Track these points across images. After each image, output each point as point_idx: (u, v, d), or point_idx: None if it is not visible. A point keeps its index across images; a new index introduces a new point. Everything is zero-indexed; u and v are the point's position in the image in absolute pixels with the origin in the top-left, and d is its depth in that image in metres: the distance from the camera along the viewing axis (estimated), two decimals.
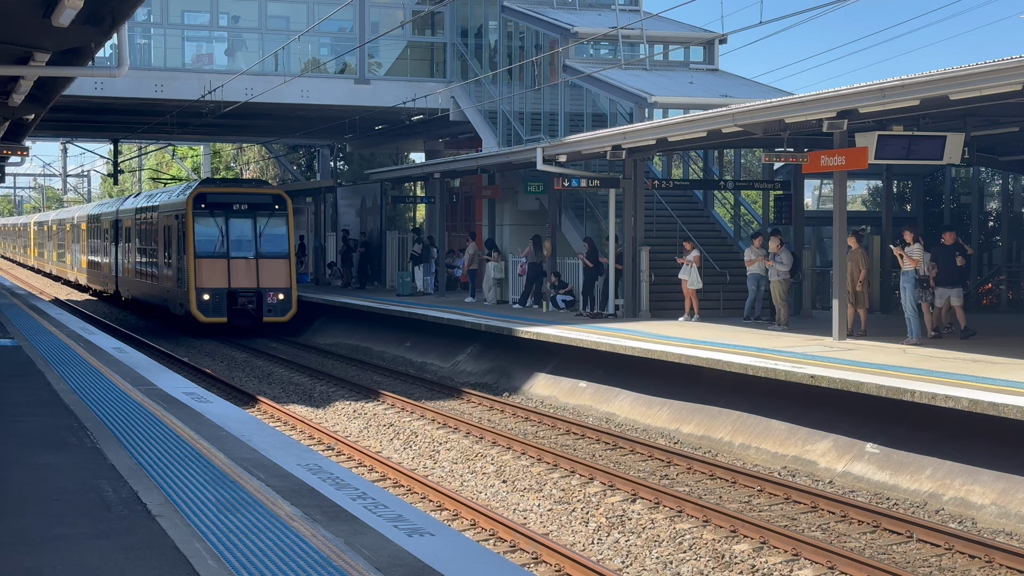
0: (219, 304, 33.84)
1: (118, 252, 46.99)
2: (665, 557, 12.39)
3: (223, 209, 34.35)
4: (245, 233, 34.48)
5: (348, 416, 21.58)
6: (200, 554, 7.29)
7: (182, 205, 34.79)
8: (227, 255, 34.21)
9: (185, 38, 38.75)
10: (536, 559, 12.25)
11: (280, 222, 34.85)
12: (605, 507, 14.42)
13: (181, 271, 34.81)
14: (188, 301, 33.95)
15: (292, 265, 34.94)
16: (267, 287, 34.14)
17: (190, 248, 34.04)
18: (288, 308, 34.53)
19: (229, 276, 33.96)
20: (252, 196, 34.90)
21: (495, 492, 15.56)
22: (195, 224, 34.13)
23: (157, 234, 38.77)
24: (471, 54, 39.29)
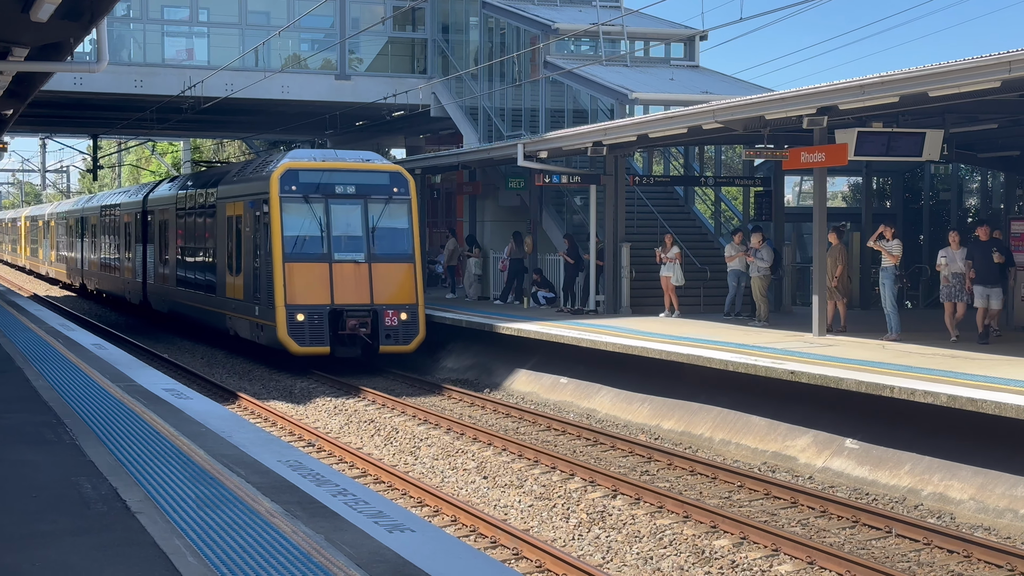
0: (318, 328, 24.72)
1: (145, 253, 38.41)
2: (646, 552, 12.42)
3: (323, 192, 25.55)
4: (353, 226, 25.65)
5: (329, 412, 21.55)
6: (180, 551, 7.27)
7: (260, 188, 26.10)
8: (329, 258, 25.15)
9: (165, 33, 38.58)
10: (517, 555, 12.26)
11: (401, 210, 25.98)
12: (586, 503, 14.44)
13: (260, 280, 25.96)
14: (274, 323, 24.87)
15: (419, 271, 25.84)
16: (385, 303, 25.15)
17: (276, 248, 24.96)
18: (414, 332, 25.27)
19: (332, 288, 24.97)
20: (363, 174, 26.21)
21: (476, 488, 15.56)
22: (283, 214, 25.12)
23: (215, 230, 29.90)
24: (452, 50, 39.26)
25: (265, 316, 25.54)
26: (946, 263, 20.68)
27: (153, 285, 37.22)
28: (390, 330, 25.13)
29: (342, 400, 22.57)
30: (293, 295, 24.77)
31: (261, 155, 40.51)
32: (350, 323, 24.76)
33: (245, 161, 31.14)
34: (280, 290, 24.84)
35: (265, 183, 25.78)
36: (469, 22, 38.77)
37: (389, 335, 25.09)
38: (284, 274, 24.84)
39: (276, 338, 24.92)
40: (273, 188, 25.32)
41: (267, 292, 25.33)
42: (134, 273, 39.99)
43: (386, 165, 26.72)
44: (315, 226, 25.45)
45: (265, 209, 25.58)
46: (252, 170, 28.11)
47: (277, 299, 24.83)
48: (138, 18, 37.57)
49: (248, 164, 29.63)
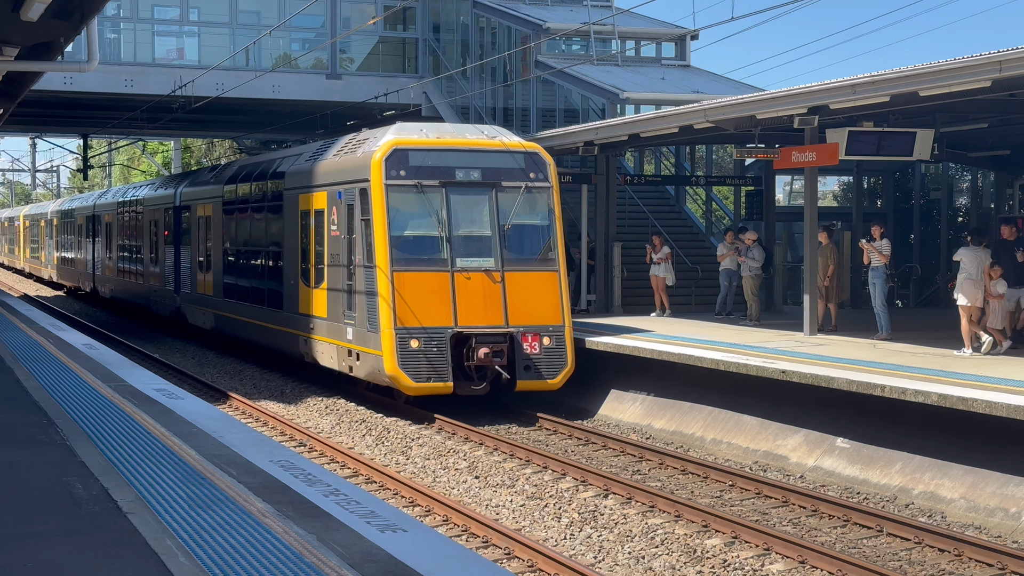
0: (437, 358, 19.45)
1: (178, 257, 33.26)
2: (637, 552, 12.43)
3: (440, 178, 20.08)
4: (480, 223, 20.32)
5: (320, 412, 21.53)
6: (172, 551, 7.26)
7: (355, 174, 20.62)
8: (450, 265, 19.88)
9: (155, 33, 38.53)
10: (509, 554, 12.26)
11: (541, 201, 20.63)
12: (577, 502, 14.44)
13: (354, 295, 20.57)
14: (378, 352, 19.58)
15: (564, 282, 20.59)
16: (524, 324, 19.92)
17: (380, 252, 19.63)
18: (560, 362, 20.10)
19: (455, 305, 19.67)
20: (490, 154, 20.57)
21: (467, 488, 15.56)
22: (390, 206, 19.75)
23: (280, 228, 24.79)
24: (443, 49, 39.25)
25: (362, 341, 20.09)
26: None
27: (189, 295, 31.96)
28: (530, 360, 19.69)
29: (333, 400, 22.54)
30: (405, 314, 19.39)
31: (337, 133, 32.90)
32: (481, 352, 19.30)
33: (321, 142, 24.96)
34: (387, 308, 19.35)
35: (362, 166, 20.29)
36: (460, 21, 38.78)
37: (528, 367, 19.70)
38: (392, 287, 19.37)
39: (381, 371, 19.51)
40: (375, 173, 19.78)
41: (366, 311, 19.93)
42: (162, 280, 34.77)
43: (521, 143, 21.03)
44: (431, 223, 19.93)
45: (361, 201, 20.16)
46: (338, 151, 22.42)
47: (382, 320, 19.38)
48: (128, 17, 37.52)
49: (327, 144, 23.93)
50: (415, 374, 19.39)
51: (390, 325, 19.41)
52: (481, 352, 19.40)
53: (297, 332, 23.68)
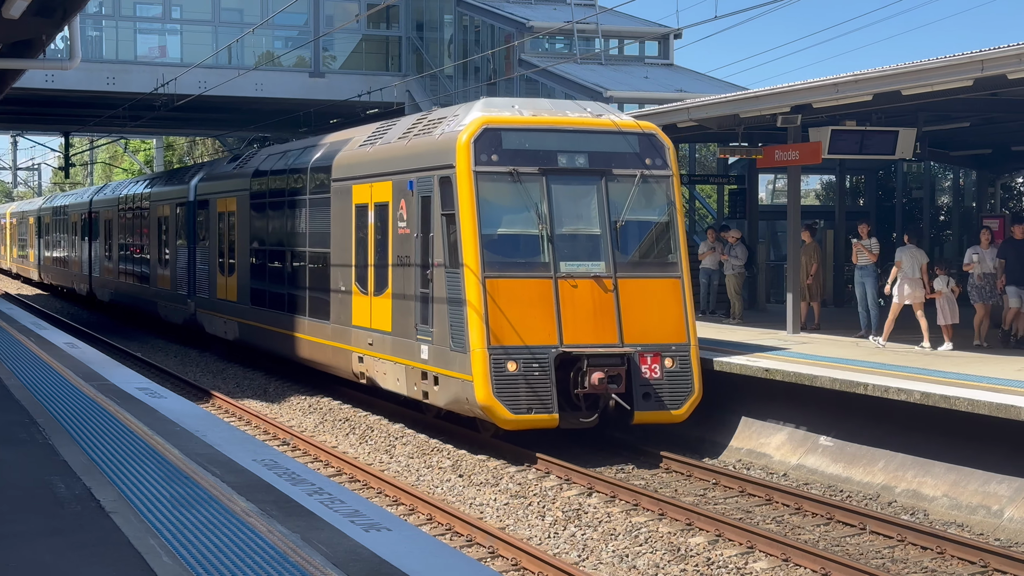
0: (540, 383, 16.13)
1: (193, 258, 29.67)
2: (621, 550, 12.44)
3: (540, 164, 16.88)
4: (587, 219, 17.09)
5: (303, 411, 21.49)
6: (155, 550, 7.23)
7: (434, 159, 17.29)
8: (553, 270, 16.61)
9: (138, 30, 38.42)
10: (493, 553, 12.26)
11: (659, 193, 17.42)
12: (561, 501, 14.45)
13: (432, 305, 17.23)
14: (467, 376, 16.27)
15: (688, 291, 17.35)
16: (641, 343, 16.66)
17: (469, 253, 16.37)
18: (686, 389, 16.85)
19: (559, 319, 16.41)
20: (598, 136, 17.32)
21: (452, 486, 15.55)
22: (480, 198, 16.57)
23: (327, 224, 21.29)
24: (426, 48, 39.22)
25: (443, 362, 16.77)
26: (978, 262, 19.60)
27: (206, 301, 28.51)
28: (649, 386, 16.50)
29: (316, 399, 22.50)
30: (501, 330, 16.10)
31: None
32: (594, 377, 16.04)
33: (377, 124, 21.26)
34: (477, 322, 16.08)
35: (443, 150, 16.95)
36: (443, 20, 38.76)
37: (648, 394, 16.51)
38: (485, 296, 16.12)
39: (470, 400, 16.14)
40: (462, 157, 16.50)
41: (449, 325, 16.62)
42: (174, 283, 31.29)
43: (634, 122, 17.72)
44: (529, 218, 16.66)
45: (442, 191, 16.84)
46: (404, 133, 18.98)
47: (472, 336, 16.07)
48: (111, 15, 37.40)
49: (385, 127, 20.41)
50: (513, 404, 15.95)
51: (482, 343, 16.01)
52: (595, 377, 16.04)
53: (350, 348, 20.06)
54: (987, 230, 20.73)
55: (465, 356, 16.22)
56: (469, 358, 16.12)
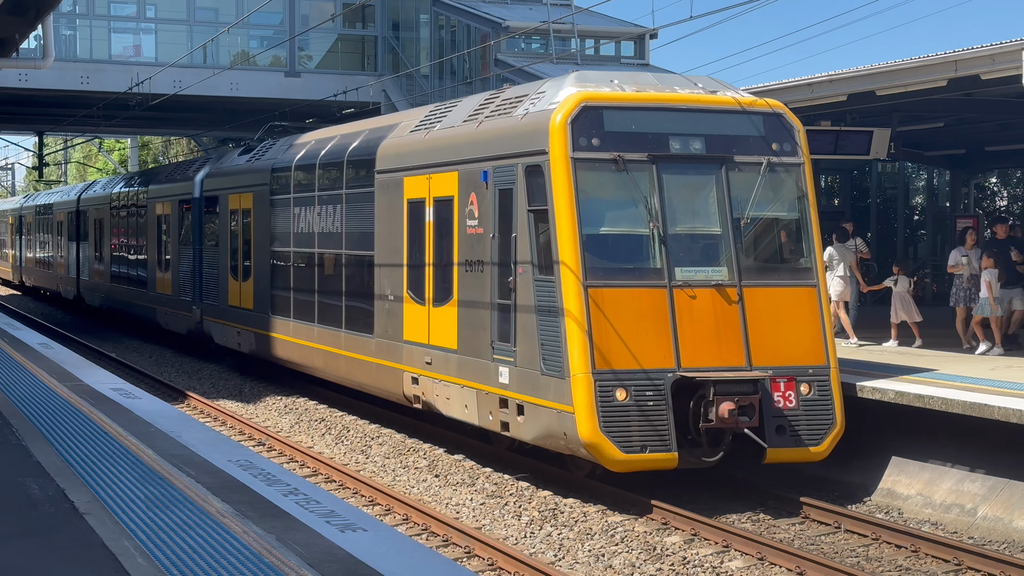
0: (655, 415, 13.58)
1: (199, 261, 27.11)
2: (597, 550, 12.45)
3: (649, 150, 14.29)
4: (703, 215, 14.62)
5: (279, 411, 21.44)
6: (129, 552, 7.20)
7: (520, 143, 14.68)
8: (666, 277, 14.06)
9: (112, 30, 38.26)
10: (469, 553, 12.26)
11: (789, 183, 14.83)
12: (538, 500, 14.45)
13: (514, 319, 14.64)
14: (567, 408, 13.62)
15: (825, 302, 14.76)
16: (772, 365, 14.15)
17: (568, 256, 13.77)
18: (827, 422, 14.24)
19: (676, 337, 13.91)
20: (715, 116, 14.75)
21: (428, 486, 15.54)
22: (580, 190, 13.96)
23: (373, 227, 18.59)
24: (402, 47, 39.20)
25: (531, 388, 14.18)
26: (967, 264, 19.00)
27: (215, 308, 26.00)
28: (783, 418, 13.95)
29: (292, 399, 22.45)
30: (608, 351, 13.50)
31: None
32: (723, 408, 13.41)
33: (431, 106, 18.85)
34: (579, 340, 13.47)
35: (531, 132, 14.38)
36: (419, 19, 38.74)
37: (782, 427, 13.93)
38: (588, 309, 13.55)
39: (569, 436, 13.51)
40: (557, 141, 13.90)
41: (539, 342, 14.03)
42: (176, 288, 28.60)
43: (754, 100, 15.03)
44: (637, 215, 14.13)
45: (530, 183, 14.31)
46: (472, 114, 16.35)
47: (573, 357, 13.46)
48: (84, 14, 37.24)
49: (443, 109, 17.79)
50: (624, 441, 13.30)
51: (585, 366, 13.37)
52: (724, 408, 13.39)
53: (400, 367, 17.47)
54: (972, 231, 20.37)
55: (562, 382, 13.57)
56: (568, 384, 13.46)
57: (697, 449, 13.76)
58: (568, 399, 13.49)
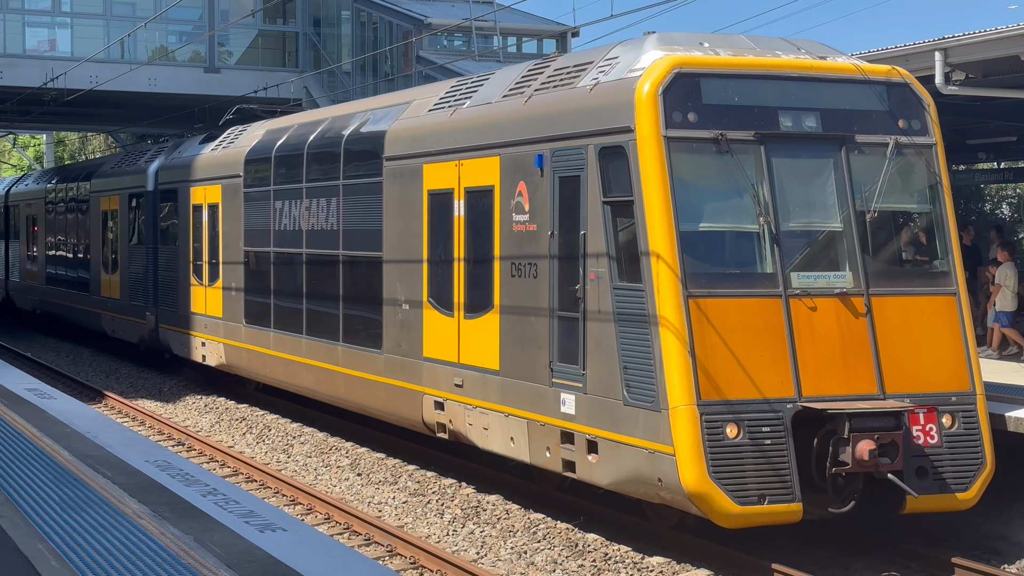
0: (774, 456, 11.09)
1: (156, 264, 24.91)
2: (520, 547, 12.46)
3: (753, 127, 11.89)
4: (820, 208, 12.19)
5: (199, 411, 21.22)
6: (43, 555, 7.08)
7: (600, 118, 12.16)
8: (780, 284, 11.62)
9: (26, 23, 37.63)
10: (391, 552, 12.22)
11: (920, 169, 12.52)
12: (460, 498, 14.44)
13: (593, 332, 12.11)
14: (666, 449, 11.07)
15: (966, 311, 12.31)
16: (909, 392, 11.73)
17: (664, 258, 11.33)
18: (975, 461, 11.76)
19: (794, 358, 11.45)
20: (830, 86, 12.35)
21: (350, 485, 15.47)
22: (675, 176, 11.48)
23: (381, 224, 16.24)
24: (324, 44, 38.99)
25: (610, 421, 11.74)
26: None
27: (172, 315, 23.71)
28: (924, 457, 11.54)
29: (213, 398, 22.22)
30: (716, 376, 11.12)
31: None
32: (862, 448, 11.00)
33: (459, 80, 16.30)
34: (680, 364, 11.08)
35: (609, 106, 12.00)
36: (341, 16, 38.56)
37: (923, 469, 11.50)
38: (690, 324, 11.18)
39: (668, 483, 11.11)
40: (646, 116, 11.52)
41: (623, 366, 11.61)
42: (126, 291, 26.30)
43: (875, 67, 12.65)
44: (744, 208, 11.75)
45: (605, 168, 11.97)
46: (518, 86, 13.99)
47: (672, 385, 11.06)
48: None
49: (476, 82, 15.36)
50: (738, 489, 10.84)
51: (688, 395, 10.95)
52: (863, 449, 10.96)
53: (420, 389, 15.09)
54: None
55: (656, 415, 11.10)
56: (665, 418, 10.99)
57: (821, 497, 11.20)
58: (665, 436, 11.00)
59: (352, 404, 17.38)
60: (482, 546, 12.58)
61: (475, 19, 33.14)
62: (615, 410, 11.69)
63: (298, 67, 38.87)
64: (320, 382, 17.86)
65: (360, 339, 16.72)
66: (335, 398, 17.80)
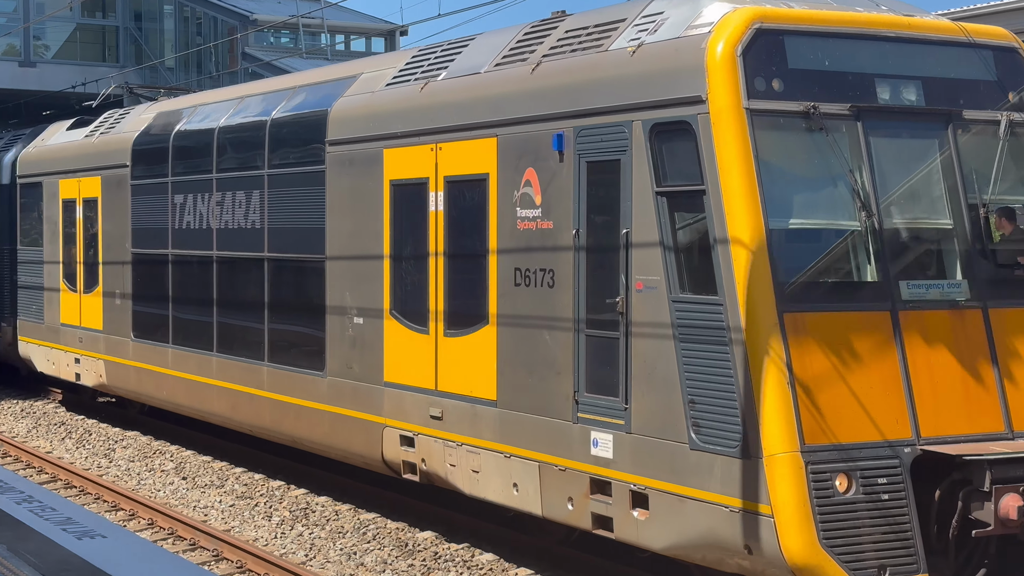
0: (894, 518, 8.64)
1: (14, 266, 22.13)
2: (349, 548, 12.38)
3: (848, 99, 9.50)
4: (927, 200, 9.88)
5: (15, 416, 20.52)
6: None
7: (662, 84, 9.61)
8: (888, 297, 9.23)
9: None
10: (217, 556, 12.02)
11: None
12: (289, 500, 14.27)
13: (640, 352, 9.67)
14: (765, 507, 8.58)
15: None
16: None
17: (748, 264, 8.90)
18: None
19: (909, 391, 9.02)
20: (933, 51, 9.96)
21: (175, 489, 15.15)
22: (761, 161, 9.04)
23: (322, 222, 13.79)
24: (145, 39, 38.12)
25: (671, 471, 9.47)
26: None
27: (37, 327, 20.97)
28: None
29: (30, 402, 21.52)
30: (822, 414, 8.86)
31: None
32: (1007, 504, 8.76)
33: (430, 46, 13.42)
34: (776, 398, 8.78)
35: (674, 71, 9.63)
36: (163, 11, 37.78)
37: None
38: (786, 347, 8.89)
39: (771, 555, 8.72)
40: (722, 82, 9.26)
41: (688, 399, 9.30)
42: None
43: (977, 27, 10.65)
44: (840, 201, 9.57)
45: (658, 150, 9.70)
46: (516, 49, 11.68)
47: (766, 426, 8.76)
48: None
49: (452, 48, 12.81)
50: (854, 559, 8.62)
51: (789, 438, 8.66)
52: (1009, 505, 8.74)
53: (381, 420, 12.68)
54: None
55: (742, 463, 8.79)
56: (756, 467, 8.70)
57: (939, 561, 8.90)
58: (756, 491, 8.68)
59: (282, 436, 14.62)
60: (311, 548, 12.46)
61: (302, 16, 32.84)
62: (676, 455, 9.30)
63: (119, 62, 37.95)
64: (238, 409, 15.21)
65: (293, 358, 14.14)
66: (259, 428, 15.06)
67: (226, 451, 16.79)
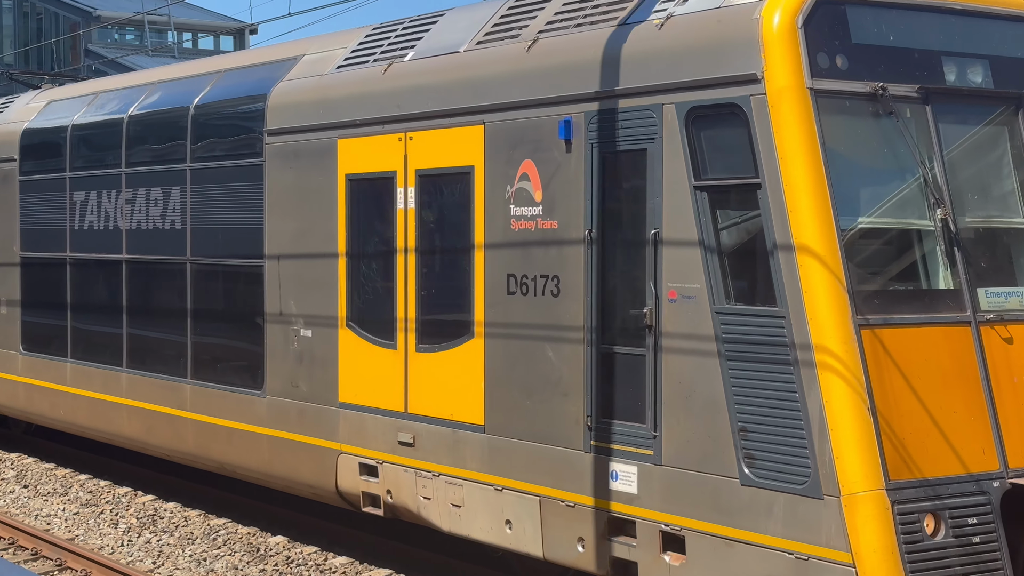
0: (986, 563, 7.53)
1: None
2: (199, 554, 12.17)
3: (915, 79, 8.31)
4: (998, 199, 8.64)
5: None
6: None
7: (702, 62, 8.30)
8: (967, 307, 8.05)
9: None
10: (61, 566, 11.74)
11: None
12: (136, 507, 13.98)
13: (665, 374, 8.42)
14: (841, 550, 7.40)
15: None
16: None
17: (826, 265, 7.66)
18: None
19: (994, 417, 7.87)
20: (1001, 26, 8.78)
21: (16, 498, 14.72)
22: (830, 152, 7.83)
23: (264, 222, 12.26)
24: None
25: (720, 511, 8.14)
26: None
27: None
28: None
29: None
30: (903, 444, 7.63)
31: None
32: None
33: (377, 27, 12.11)
34: (853, 427, 7.52)
35: (720, 45, 8.28)
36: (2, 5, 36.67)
37: None
38: (865, 367, 7.63)
39: None
40: (780, 57, 7.94)
41: (742, 428, 7.99)
42: None
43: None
44: (911, 197, 8.33)
45: (701, 137, 8.41)
46: (505, 22, 10.29)
47: (844, 460, 7.49)
48: None
49: (413, 25, 11.50)
50: None
51: (872, 475, 7.52)
52: None
53: (335, 447, 11.32)
54: None
55: (813, 503, 7.66)
56: (832, 509, 7.54)
57: None
58: (832, 536, 7.51)
59: (210, 462, 13.01)
60: (159, 555, 12.22)
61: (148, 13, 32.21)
62: (722, 491, 8.09)
63: None
64: (153, 432, 13.65)
65: (223, 375, 12.64)
66: (180, 453, 13.44)
67: (69, 457, 16.38)
